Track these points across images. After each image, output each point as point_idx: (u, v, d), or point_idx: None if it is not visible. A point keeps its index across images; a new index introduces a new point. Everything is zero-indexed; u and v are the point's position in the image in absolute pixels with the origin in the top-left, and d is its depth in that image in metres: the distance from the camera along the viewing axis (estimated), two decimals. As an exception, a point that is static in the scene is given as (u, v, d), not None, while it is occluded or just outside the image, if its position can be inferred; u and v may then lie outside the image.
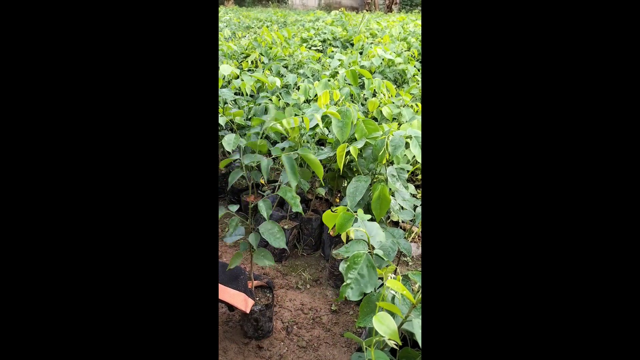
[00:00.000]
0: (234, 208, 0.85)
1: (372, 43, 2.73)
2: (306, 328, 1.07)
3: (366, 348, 0.51)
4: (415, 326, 0.46)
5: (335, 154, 1.21)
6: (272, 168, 1.68)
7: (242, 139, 1.32)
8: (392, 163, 1.08)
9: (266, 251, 0.89)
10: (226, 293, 0.82)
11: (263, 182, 1.50)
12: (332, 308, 1.14)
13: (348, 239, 0.69)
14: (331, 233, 1.36)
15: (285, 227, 1.31)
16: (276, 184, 1.46)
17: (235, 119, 1.41)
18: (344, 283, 0.58)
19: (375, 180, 1.07)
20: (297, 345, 1.02)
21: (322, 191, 1.31)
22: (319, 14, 5.74)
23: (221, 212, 0.83)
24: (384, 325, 0.46)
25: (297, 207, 0.82)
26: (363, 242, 0.64)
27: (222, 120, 1.35)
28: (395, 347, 0.48)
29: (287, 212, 1.37)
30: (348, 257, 0.60)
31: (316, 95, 1.52)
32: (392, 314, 0.53)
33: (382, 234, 0.67)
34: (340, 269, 0.57)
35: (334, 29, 3.35)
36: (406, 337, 0.75)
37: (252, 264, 0.96)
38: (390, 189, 1.01)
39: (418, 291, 0.53)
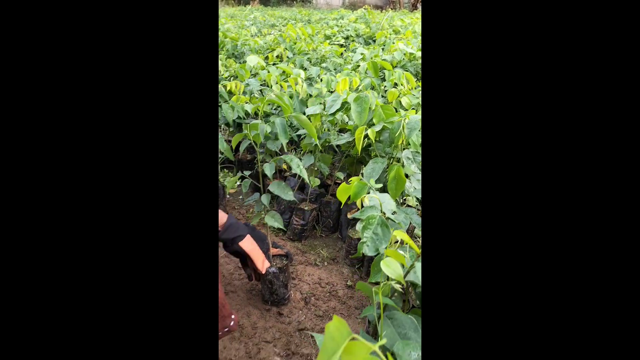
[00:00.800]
0: (248, 172, 0.96)
1: (394, 39, 2.77)
2: (323, 300, 1.15)
3: (375, 293, 0.58)
4: (417, 270, 0.52)
5: (354, 140, 1.28)
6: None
7: (266, 125, 1.41)
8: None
9: (277, 214, 0.99)
10: (251, 245, 0.91)
11: (285, 167, 1.58)
12: (348, 283, 1.21)
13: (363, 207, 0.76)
14: (349, 215, 1.43)
15: (306, 208, 1.39)
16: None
17: (261, 107, 1.50)
18: (361, 241, 0.65)
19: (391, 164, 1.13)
20: (315, 314, 1.09)
21: (340, 175, 1.38)
22: (343, 12, 5.79)
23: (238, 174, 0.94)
24: (391, 269, 0.52)
25: (301, 172, 0.91)
26: (376, 208, 0.71)
27: (248, 107, 1.44)
28: (400, 290, 0.55)
29: (308, 196, 1.45)
30: (363, 218, 0.67)
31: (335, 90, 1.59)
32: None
33: (393, 203, 0.74)
34: (357, 228, 0.64)
35: (357, 26, 3.41)
36: (414, 306, 0.81)
37: (268, 227, 1.07)
38: (405, 173, 1.07)
39: (423, 243, 0.59)
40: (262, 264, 0.95)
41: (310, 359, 0.97)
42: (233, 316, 0.75)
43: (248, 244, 0.90)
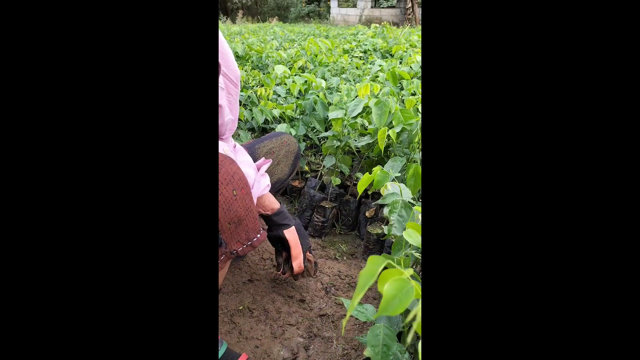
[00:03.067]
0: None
1: (412, 52, 2.87)
2: (342, 290, 1.22)
3: (397, 262, 0.66)
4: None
5: (373, 142, 1.36)
6: (316, 158, 1.85)
7: (291, 129, 1.52)
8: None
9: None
10: (294, 238, 0.98)
11: (307, 169, 1.68)
12: (366, 277, 1.28)
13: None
14: (368, 215, 1.51)
15: (327, 206, 1.48)
16: (319, 169, 1.63)
17: (286, 112, 1.61)
18: (389, 224, 0.73)
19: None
20: (335, 302, 1.17)
21: (360, 176, 1.47)
22: (360, 28, 5.97)
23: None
24: (412, 238, 0.60)
25: None
26: (397, 194, 0.79)
27: (276, 112, 1.55)
28: (419, 257, 0.62)
29: (328, 195, 1.54)
30: (387, 204, 0.75)
31: (356, 96, 1.70)
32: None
33: (410, 192, 0.82)
34: (384, 212, 0.73)
35: (375, 41, 3.54)
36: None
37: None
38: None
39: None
40: (298, 261, 1.00)
41: (331, 342, 1.04)
42: (259, 235, 0.77)
43: (292, 235, 0.96)
